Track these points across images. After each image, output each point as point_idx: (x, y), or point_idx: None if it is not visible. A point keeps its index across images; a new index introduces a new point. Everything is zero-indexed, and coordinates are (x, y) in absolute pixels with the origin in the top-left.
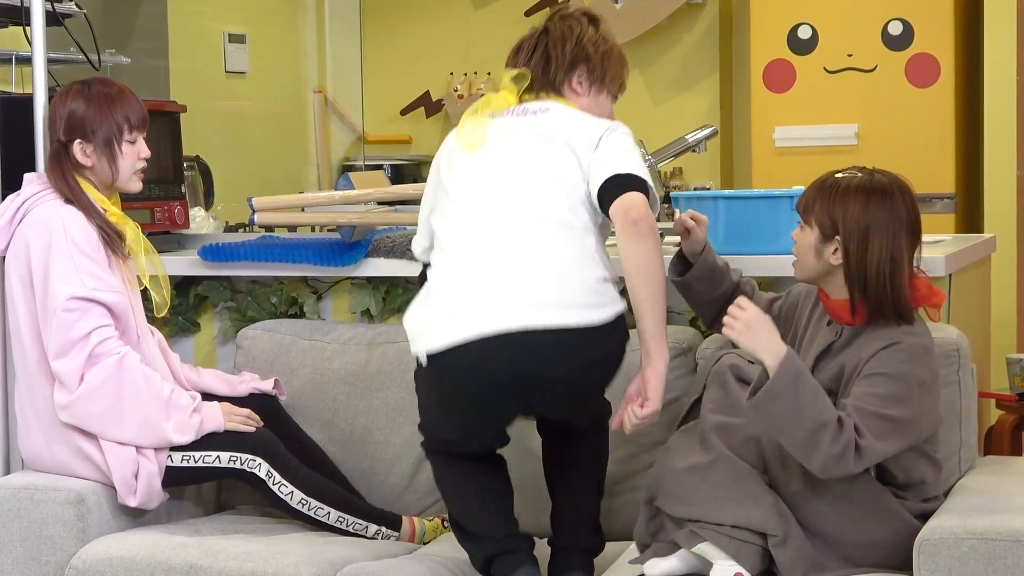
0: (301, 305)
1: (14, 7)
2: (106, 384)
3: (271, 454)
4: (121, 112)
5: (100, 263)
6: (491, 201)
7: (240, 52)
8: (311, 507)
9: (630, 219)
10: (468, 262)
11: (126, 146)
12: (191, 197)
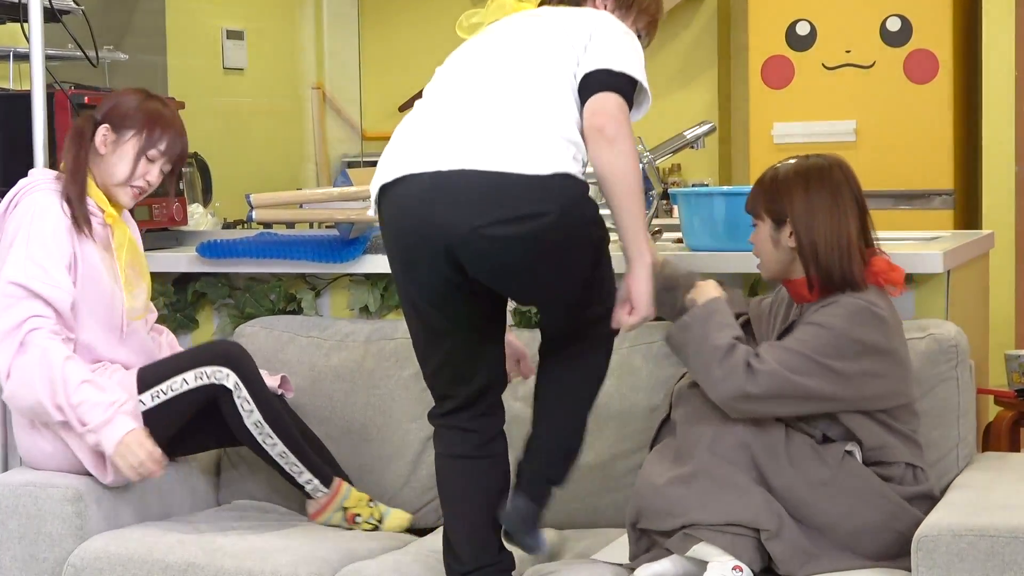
0: (299, 302)
1: (12, 4)
2: (29, 379)
3: (240, 366)
4: (159, 132)
5: (56, 257)
6: (475, 66)
7: (238, 48)
8: (263, 433)
9: (594, 126)
10: (428, 109)
11: (143, 162)
12: (189, 194)
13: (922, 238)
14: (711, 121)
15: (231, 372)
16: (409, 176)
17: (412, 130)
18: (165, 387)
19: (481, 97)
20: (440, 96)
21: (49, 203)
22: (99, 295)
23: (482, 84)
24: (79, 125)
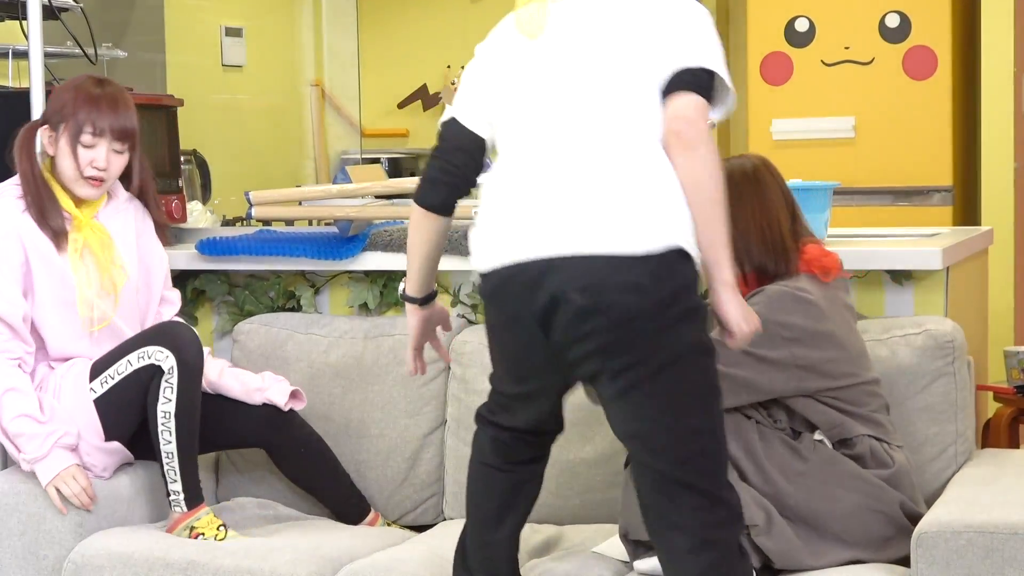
0: (298, 299)
1: (11, 2)
2: None
3: (183, 352)
4: (84, 113)
5: (4, 270)
6: (553, 103)
7: (237, 46)
8: (165, 426)
9: (672, 131)
10: (521, 175)
11: (80, 149)
12: (188, 191)
13: (921, 234)
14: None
15: (171, 355)
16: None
17: (511, 202)
18: (112, 371)
19: (572, 150)
20: (528, 153)
21: (8, 213)
22: (65, 300)
23: (569, 131)
24: (23, 134)
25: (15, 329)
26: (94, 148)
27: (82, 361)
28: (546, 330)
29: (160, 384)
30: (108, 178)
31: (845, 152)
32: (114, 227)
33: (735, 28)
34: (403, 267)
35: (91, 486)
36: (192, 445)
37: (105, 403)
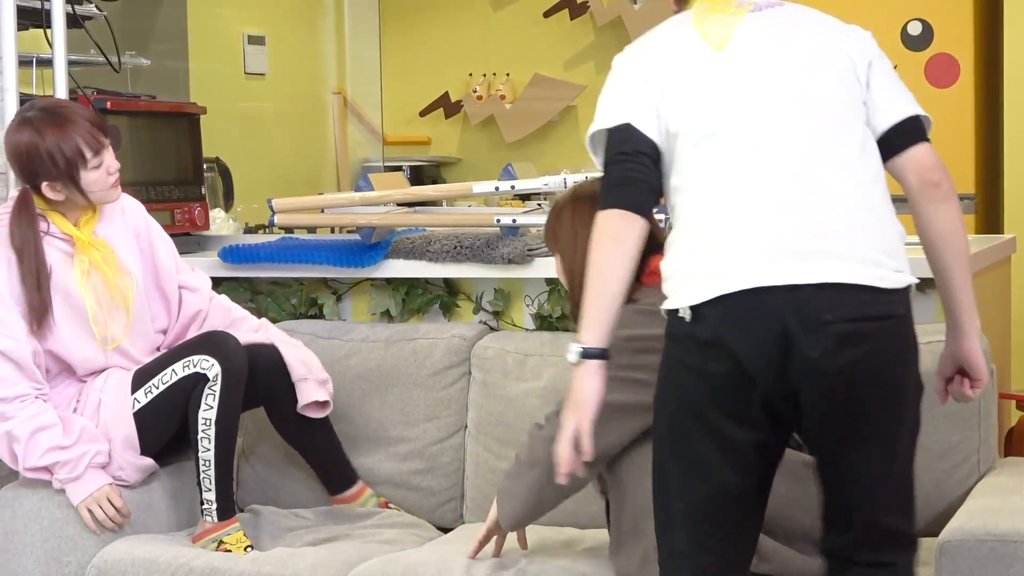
0: (321, 306)
1: (35, 10)
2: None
3: (228, 361)
4: (71, 142)
5: (6, 306)
6: (759, 115)
7: (260, 53)
8: (205, 433)
9: (929, 182)
10: (744, 195)
11: (93, 172)
12: (211, 199)
13: None
14: None
15: (216, 363)
16: (749, 289)
17: (736, 224)
18: (157, 381)
19: (805, 173)
20: (748, 173)
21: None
22: (80, 319)
23: (797, 152)
24: (19, 199)
25: (21, 367)
26: (101, 164)
27: (117, 371)
28: (779, 364)
29: (203, 391)
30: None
31: None
32: (114, 235)
33: None
34: (424, 274)
35: (125, 506)
36: (229, 455)
37: (145, 415)
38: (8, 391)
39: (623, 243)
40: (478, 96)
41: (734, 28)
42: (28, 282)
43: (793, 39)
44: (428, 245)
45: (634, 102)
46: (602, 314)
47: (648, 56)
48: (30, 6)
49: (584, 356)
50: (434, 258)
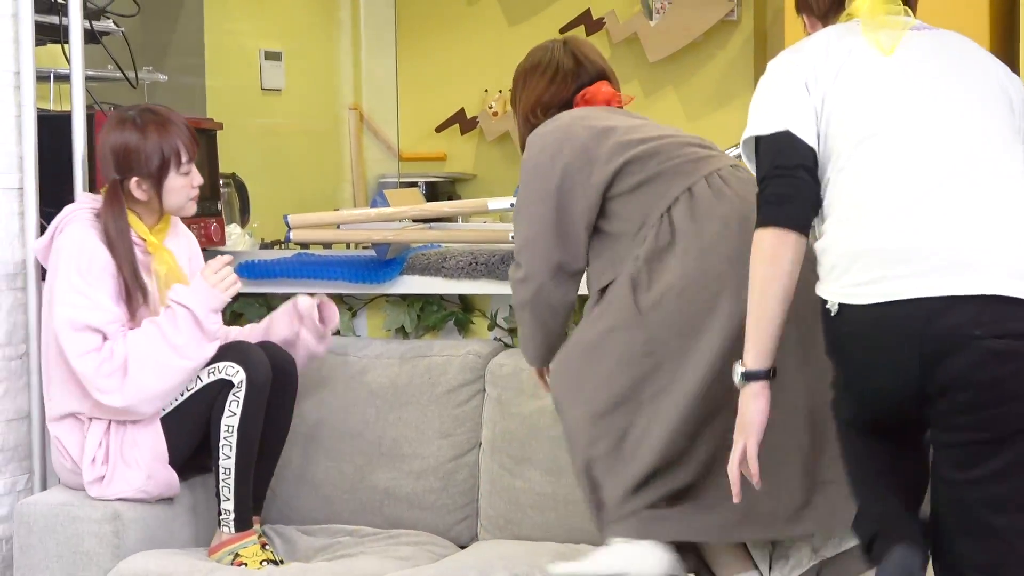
0: None
1: (53, 25)
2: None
3: (253, 370)
4: (171, 146)
5: (99, 285)
6: (924, 120)
7: (276, 69)
8: (226, 440)
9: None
10: (910, 200)
11: (180, 179)
12: (227, 214)
13: None
14: None
15: (241, 370)
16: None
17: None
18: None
19: (958, 184)
20: (910, 178)
21: (87, 234)
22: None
23: (951, 161)
24: (109, 191)
25: (111, 338)
26: (189, 174)
27: None
28: (928, 372)
29: (227, 397)
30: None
31: None
32: (177, 251)
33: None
34: (439, 290)
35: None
36: (249, 465)
37: (171, 422)
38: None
39: (780, 263)
40: (493, 112)
41: (900, 38)
42: (124, 268)
43: (957, 55)
44: (443, 261)
45: (794, 107)
46: (763, 336)
47: (809, 60)
48: (48, 21)
49: (746, 378)
50: (449, 274)
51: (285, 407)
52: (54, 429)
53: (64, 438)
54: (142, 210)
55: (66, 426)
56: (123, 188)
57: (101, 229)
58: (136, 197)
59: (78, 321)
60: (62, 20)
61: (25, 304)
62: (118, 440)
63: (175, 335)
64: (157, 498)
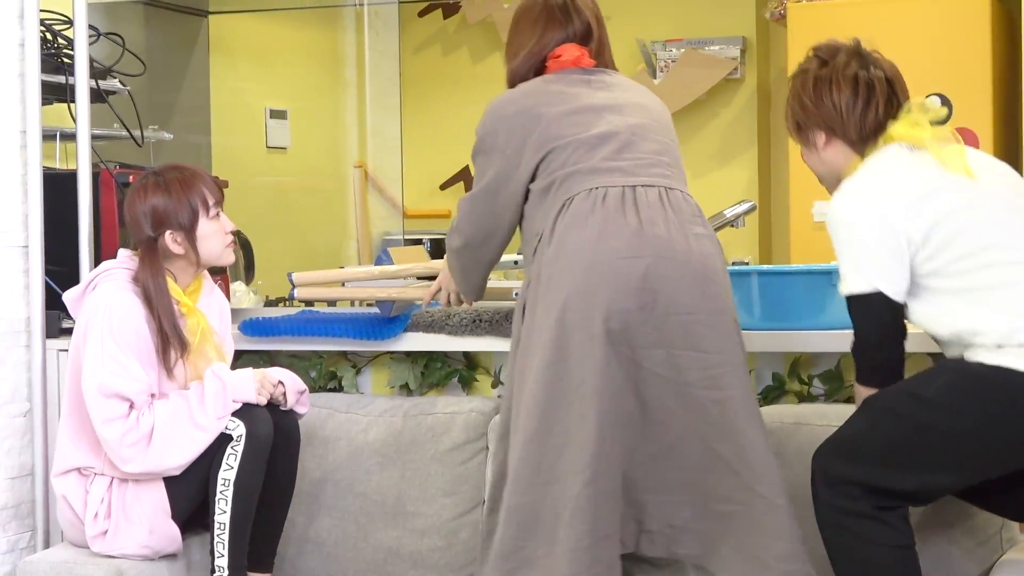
0: (340, 379)
1: (59, 85)
2: (173, 445)
3: (254, 426)
4: (198, 194)
5: (131, 350)
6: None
7: (281, 127)
8: (223, 494)
9: None
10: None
11: (212, 224)
12: (232, 272)
13: None
14: (751, 200)
15: (242, 424)
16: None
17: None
18: None
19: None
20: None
21: (122, 296)
22: (174, 384)
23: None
24: (145, 251)
25: (138, 407)
26: (219, 217)
27: None
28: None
29: (226, 451)
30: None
31: None
32: (210, 312)
33: (776, 110)
34: (443, 347)
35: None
36: (246, 521)
37: (174, 477)
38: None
39: None
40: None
41: (967, 158)
42: (165, 322)
43: (1003, 169)
44: (447, 319)
45: (887, 263)
46: None
47: (895, 201)
48: (55, 81)
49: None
50: (453, 331)
51: (288, 464)
52: (58, 485)
53: (69, 493)
54: (179, 268)
55: (71, 481)
56: (158, 245)
57: (138, 290)
58: (173, 252)
59: (108, 388)
60: (68, 79)
61: (29, 361)
62: (121, 495)
63: (201, 415)
64: (160, 554)
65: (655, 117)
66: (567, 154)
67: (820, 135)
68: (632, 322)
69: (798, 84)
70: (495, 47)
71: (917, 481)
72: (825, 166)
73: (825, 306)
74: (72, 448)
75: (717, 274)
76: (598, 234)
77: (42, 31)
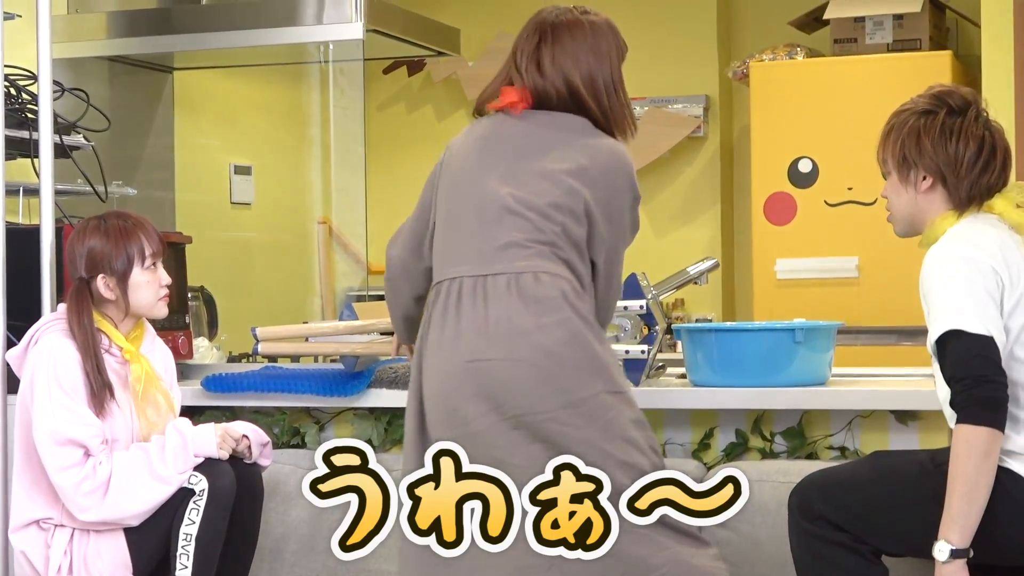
0: (303, 435)
1: (23, 140)
2: (129, 495)
3: (217, 482)
4: (136, 244)
5: (78, 396)
6: None
7: (246, 183)
8: (180, 553)
9: None
10: None
11: (146, 274)
12: (195, 327)
13: (925, 374)
14: (714, 257)
15: (204, 479)
16: None
17: None
18: None
19: None
20: None
21: (65, 344)
22: (122, 432)
23: None
24: (74, 291)
25: (93, 452)
26: (156, 270)
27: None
28: None
29: (188, 506)
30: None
31: (849, 292)
32: (154, 360)
33: (739, 169)
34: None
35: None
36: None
37: (135, 531)
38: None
39: (992, 459)
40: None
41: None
42: (89, 366)
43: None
44: (410, 374)
45: (989, 312)
46: (973, 521)
47: (991, 258)
48: (19, 136)
49: (954, 556)
50: None
51: (252, 516)
52: (17, 540)
53: (28, 548)
54: (113, 313)
55: (30, 536)
56: (90, 288)
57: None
58: (104, 296)
59: (61, 435)
60: (32, 135)
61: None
62: (81, 550)
63: (161, 467)
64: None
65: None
66: (441, 230)
67: (927, 179)
68: (484, 425)
69: (921, 123)
70: (459, 105)
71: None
72: (913, 208)
73: (788, 363)
74: (28, 500)
75: (566, 366)
76: (452, 336)
77: (6, 86)
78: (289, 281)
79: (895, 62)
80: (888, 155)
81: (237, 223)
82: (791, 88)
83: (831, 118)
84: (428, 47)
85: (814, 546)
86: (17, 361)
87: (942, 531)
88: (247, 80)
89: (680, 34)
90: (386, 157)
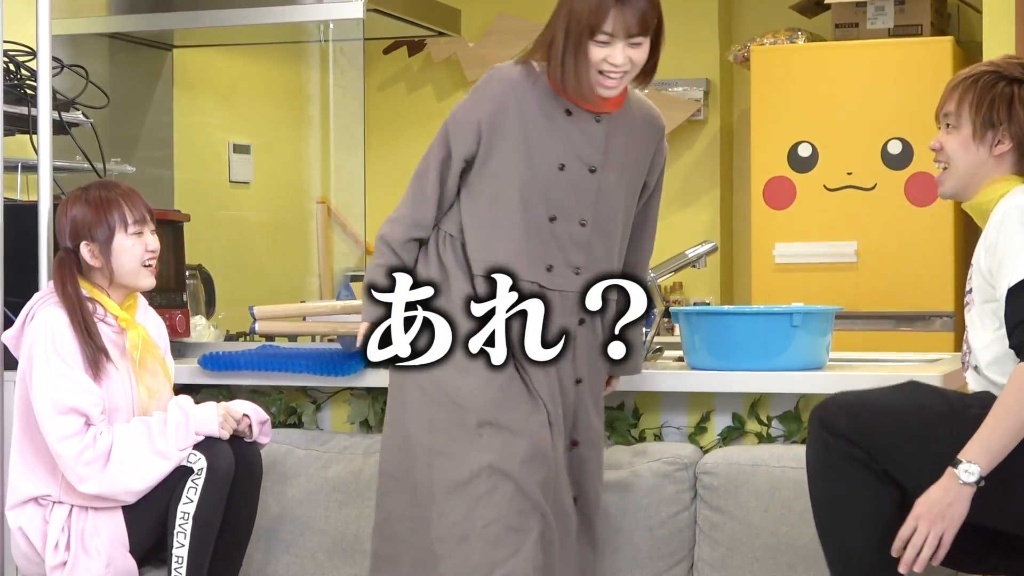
0: (300, 415)
1: (22, 116)
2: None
3: (216, 460)
4: (118, 211)
5: (77, 366)
6: None
7: (245, 162)
8: (181, 528)
9: None
10: None
11: (130, 240)
12: (192, 306)
13: (923, 359)
14: (713, 241)
15: (203, 458)
16: None
17: None
18: None
19: None
20: None
21: (60, 315)
22: (122, 400)
23: None
24: (57, 260)
25: (93, 420)
26: (141, 235)
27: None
28: None
29: (186, 484)
30: (157, 255)
31: (847, 277)
32: (149, 328)
33: (739, 153)
34: None
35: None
36: (204, 556)
37: (133, 509)
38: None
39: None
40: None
41: None
42: (79, 332)
43: None
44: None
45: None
46: (1002, 456)
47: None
48: (17, 112)
49: (979, 482)
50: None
51: (250, 495)
52: (14, 517)
53: (26, 525)
54: (101, 280)
55: (27, 512)
56: (77, 258)
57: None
58: (90, 264)
59: (62, 403)
60: (31, 111)
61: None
62: (79, 527)
63: (162, 442)
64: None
65: None
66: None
67: (1006, 142)
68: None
69: (1014, 89)
70: (459, 85)
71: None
72: (979, 168)
73: (785, 348)
74: (27, 476)
75: None
76: None
77: (5, 62)
78: (287, 260)
79: (896, 47)
80: (967, 110)
81: (236, 202)
82: (792, 72)
83: (831, 103)
84: (429, 27)
85: (831, 459)
86: (14, 340)
87: (972, 456)
88: (247, 59)
89: (681, 17)
90: (386, 137)
